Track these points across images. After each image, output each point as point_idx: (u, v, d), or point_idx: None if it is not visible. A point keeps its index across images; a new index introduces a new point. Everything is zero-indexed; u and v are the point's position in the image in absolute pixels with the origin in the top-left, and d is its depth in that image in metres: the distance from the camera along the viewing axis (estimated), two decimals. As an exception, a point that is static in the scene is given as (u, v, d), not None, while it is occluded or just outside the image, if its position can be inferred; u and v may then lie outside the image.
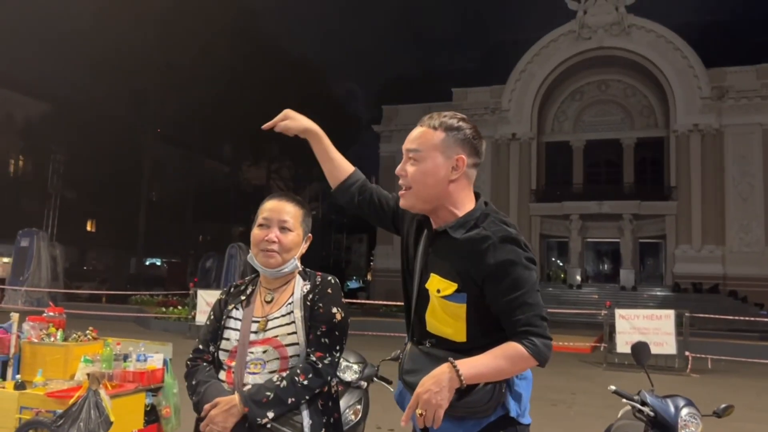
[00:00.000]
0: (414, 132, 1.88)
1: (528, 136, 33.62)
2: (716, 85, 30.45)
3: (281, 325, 1.91)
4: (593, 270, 36.11)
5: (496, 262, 1.71)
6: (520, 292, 1.70)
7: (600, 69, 33.72)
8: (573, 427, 6.81)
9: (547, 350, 1.70)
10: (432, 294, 1.78)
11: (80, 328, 4.87)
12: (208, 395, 1.85)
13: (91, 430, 3.71)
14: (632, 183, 33.33)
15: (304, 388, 1.82)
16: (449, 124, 1.85)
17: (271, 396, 1.78)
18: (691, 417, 2.73)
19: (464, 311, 1.75)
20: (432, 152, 1.82)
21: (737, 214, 29.68)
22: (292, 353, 1.88)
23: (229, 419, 1.77)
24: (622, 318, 11.94)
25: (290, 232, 1.97)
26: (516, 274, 1.70)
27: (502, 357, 1.67)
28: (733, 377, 11.24)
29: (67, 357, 4.41)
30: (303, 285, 1.99)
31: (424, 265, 1.84)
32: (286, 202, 2.01)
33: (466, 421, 1.73)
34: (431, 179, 1.80)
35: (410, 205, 1.85)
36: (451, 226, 1.80)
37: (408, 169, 1.82)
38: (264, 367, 1.87)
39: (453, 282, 1.75)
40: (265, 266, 1.96)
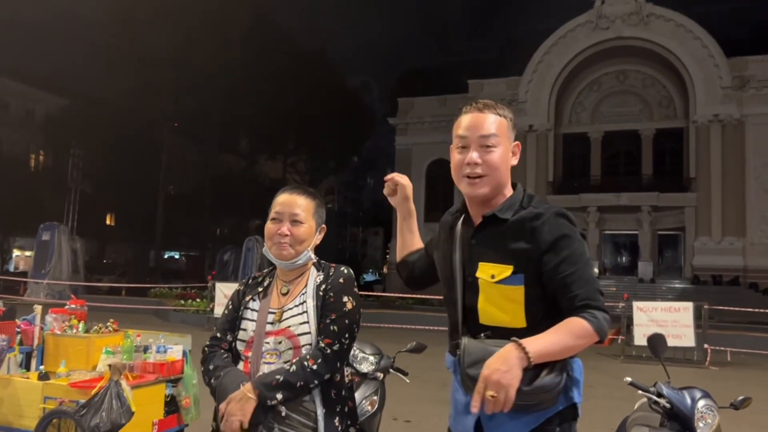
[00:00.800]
0: (477, 118, 1.84)
1: (545, 127, 33.39)
2: (737, 75, 29.99)
3: (294, 315, 1.95)
4: (611, 262, 35.84)
5: (552, 237, 1.72)
6: (578, 266, 1.70)
7: (618, 59, 33.35)
8: (589, 419, 6.79)
9: (607, 324, 1.68)
10: (485, 282, 1.76)
11: (101, 320, 4.95)
12: (227, 381, 1.89)
13: (113, 420, 3.79)
14: (651, 174, 32.98)
15: (313, 372, 1.84)
16: (506, 112, 1.88)
17: (280, 379, 1.82)
18: (708, 409, 2.73)
19: (522, 294, 1.73)
20: (504, 139, 1.84)
21: (758, 205, 29.27)
22: (304, 342, 1.92)
23: (246, 407, 1.81)
24: (639, 310, 11.86)
25: (302, 225, 2.00)
26: (572, 249, 1.71)
27: (567, 332, 1.64)
28: (753, 370, 11.13)
29: (89, 348, 4.49)
30: (317, 276, 2.03)
31: (467, 257, 1.83)
32: (297, 195, 2.04)
33: (527, 414, 1.69)
34: (504, 165, 1.84)
35: (483, 193, 1.82)
36: (499, 209, 1.81)
37: (486, 158, 1.81)
38: (279, 357, 1.91)
39: (508, 264, 1.73)
40: (279, 258, 2.00)
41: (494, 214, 1.80)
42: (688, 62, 30.76)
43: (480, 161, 1.80)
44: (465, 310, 1.81)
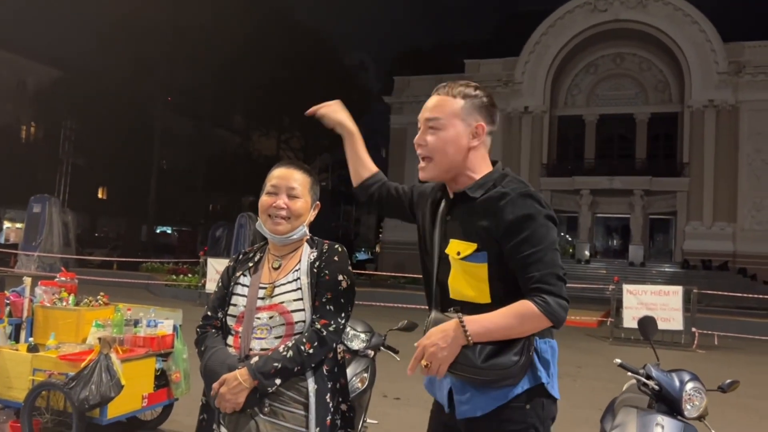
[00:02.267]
0: (431, 101, 1.86)
1: (540, 109, 33.29)
2: (733, 60, 29.93)
3: (287, 292, 1.93)
4: (602, 245, 36.01)
5: (513, 216, 1.70)
6: (536, 248, 1.68)
7: (615, 42, 33.18)
8: (578, 400, 6.87)
9: (561, 310, 1.67)
10: (452, 258, 1.78)
11: (92, 293, 4.94)
12: (213, 363, 1.89)
13: (102, 393, 3.79)
14: (644, 158, 33.03)
15: (310, 356, 1.84)
16: (467, 92, 1.84)
17: (278, 366, 1.81)
18: (696, 391, 2.75)
19: (485, 271, 1.74)
20: (452, 119, 1.81)
21: (750, 191, 29.40)
22: (298, 319, 1.90)
23: (240, 395, 1.81)
24: (629, 293, 11.95)
25: (298, 199, 1.98)
26: (532, 229, 1.69)
27: (513, 315, 1.65)
28: (739, 354, 11.26)
29: (78, 321, 4.49)
30: (310, 252, 2.01)
31: (443, 233, 1.84)
32: (294, 170, 2.02)
33: (493, 390, 1.70)
34: (452, 147, 1.81)
35: (431, 176, 1.85)
36: (470, 187, 1.81)
37: (428, 139, 1.82)
38: (270, 333, 1.89)
39: (472, 242, 1.74)
40: (274, 233, 1.97)
41: (464, 191, 1.81)
42: (685, 46, 30.65)
43: (423, 143, 1.82)
44: (438, 284, 1.83)
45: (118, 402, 3.99)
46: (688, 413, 2.73)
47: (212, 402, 1.87)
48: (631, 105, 33.64)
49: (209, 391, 1.88)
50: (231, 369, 1.84)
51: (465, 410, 1.75)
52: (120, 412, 4.13)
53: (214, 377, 1.86)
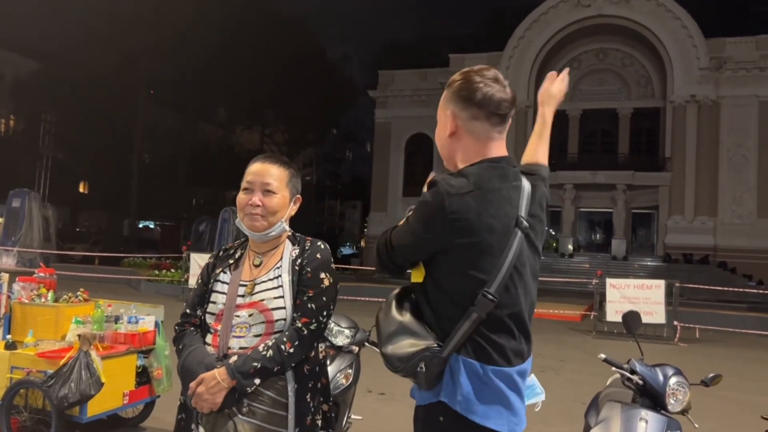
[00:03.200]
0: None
1: (524, 104, 33.38)
2: (715, 56, 30.21)
3: (268, 289, 1.89)
4: (585, 239, 36.28)
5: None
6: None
7: (599, 37, 33.35)
8: (561, 394, 6.91)
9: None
10: None
11: (72, 289, 4.86)
12: (191, 360, 1.85)
13: (82, 391, 3.74)
14: (627, 153, 33.30)
15: (290, 355, 1.81)
16: (447, 82, 1.84)
17: (258, 366, 1.78)
18: (679, 386, 2.76)
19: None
20: (441, 112, 1.83)
21: (730, 186, 29.76)
22: (278, 317, 1.87)
23: (218, 395, 1.77)
24: (612, 287, 12.03)
25: (274, 195, 1.93)
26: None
27: None
28: (720, 347, 11.40)
29: (57, 318, 4.41)
30: (292, 250, 1.97)
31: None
32: (270, 165, 1.97)
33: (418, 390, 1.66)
34: (439, 140, 1.84)
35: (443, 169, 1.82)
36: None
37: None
38: (249, 331, 1.86)
39: None
40: (251, 230, 1.93)
41: None
42: (667, 42, 30.90)
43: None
44: None
45: (99, 399, 3.93)
46: (671, 407, 2.74)
47: (189, 402, 1.83)
48: (614, 100, 33.87)
49: (186, 391, 1.84)
50: (208, 368, 1.80)
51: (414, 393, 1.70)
52: (100, 409, 4.08)
53: (191, 376, 1.82)
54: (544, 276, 23.58)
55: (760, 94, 29.67)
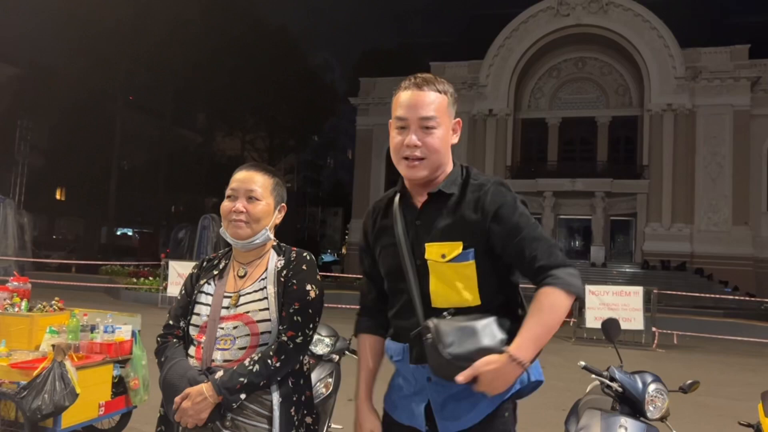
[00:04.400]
0: (419, 97, 1.74)
1: (504, 112, 33.65)
2: (690, 65, 30.73)
3: (253, 301, 1.86)
4: (565, 246, 36.50)
5: (496, 205, 1.68)
6: (527, 229, 1.66)
7: (577, 46, 33.77)
8: (541, 401, 6.91)
9: (573, 278, 1.62)
10: (434, 263, 1.69)
11: (48, 298, 4.77)
12: (172, 374, 1.81)
13: (56, 402, 3.66)
14: (605, 161, 33.68)
15: (277, 370, 1.78)
16: (448, 88, 1.79)
17: (244, 381, 1.75)
18: (658, 393, 2.77)
19: (474, 269, 1.68)
20: (444, 118, 1.76)
21: (706, 193, 30.21)
22: (263, 330, 1.84)
23: (203, 411, 1.74)
24: (591, 294, 12.12)
25: (259, 202, 1.90)
26: (519, 213, 1.68)
27: (542, 311, 1.58)
28: (698, 353, 11.53)
29: (31, 327, 4.32)
30: (277, 260, 1.94)
31: (414, 240, 1.74)
32: (254, 172, 1.94)
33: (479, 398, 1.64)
34: (445, 146, 1.76)
35: (422, 176, 1.73)
36: (444, 185, 1.75)
37: (424, 140, 1.71)
38: (234, 343, 1.82)
39: (457, 241, 1.68)
40: (235, 237, 1.90)
41: (440, 190, 1.74)
42: (644, 51, 31.37)
43: (420, 144, 1.71)
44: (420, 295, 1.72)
45: (74, 411, 3.85)
46: (650, 414, 2.75)
47: (171, 415, 1.79)
48: (593, 108, 34.27)
49: (168, 404, 1.80)
50: (191, 382, 1.77)
51: (450, 425, 1.68)
52: (75, 421, 4.00)
53: (173, 390, 1.78)
54: (525, 282, 23.68)
55: (735, 104, 30.21)
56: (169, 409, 1.80)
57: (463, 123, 26.07)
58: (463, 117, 19.44)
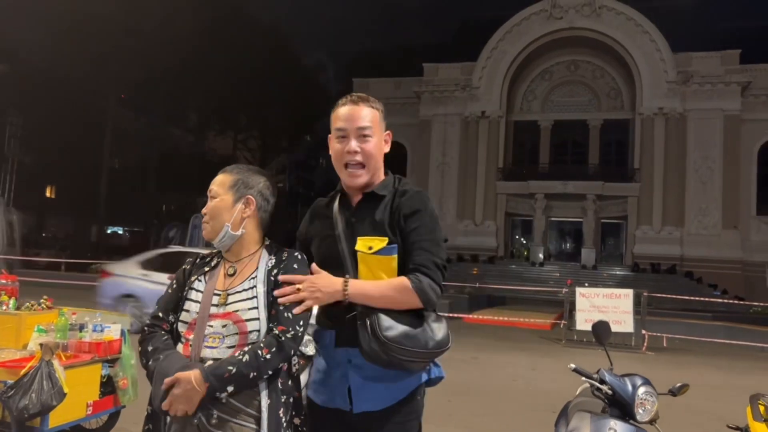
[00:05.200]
0: (355, 110, 2.01)
1: (497, 114, 33.74)
2: (682, 70, 30.93)
3: (242, 300, 1.86)
4: (555, 249, 36.70)
5: (410, 210, 1.94)
6: (422, 237, 1.91)
7: (570, 49, 33.92)
8: (532, 402, 6.94)
9: (431, 291, 1.86)
10: (363, 254, 1.92)
11: (36, 296, 4.73)
12: (166, 365, 1.78)
13: (43, 401, 3.63)
14: (597, 164, 33.84)
15: (267, 362, 1.77)
16: (379, 105, 2.06)
17: (233, 371, 1.73)
18: (648, 396, 2.78)
19: (396, 263, 1.92)
20: (377, 130, 2.02)
21: (696, 197, 30.40)
22: (252, 328, 1.83)
23: (194, 399, 1.72)
24: (582, 296, 12.16)
25: (214, 200, 1.96)
26: (423, 221, 1.93)
27: (388, 285, 1.87)
28: (687, 355, 11.59)
29: (19, 326, 4.29)
30: (268, 260, 1.94)
31: (350, 234, 1.98)
32: (223, 174, 2.01)
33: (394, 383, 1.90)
34: (379, 153, 2.03)
35: (364, 181, 2.00)
36: (378, 188, 2.02)
37: (363, 147, 1.98)
38: (222, 342, 1.82)
39: (383, 236, 1.92)
40: (206, 239, 1.98)
41: (373, 191, 2.00)
42: (637, 55, 31.55)
43: (358, 150, 1.98)
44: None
45: (61, 410, 3.82)
46: (640, 417, 2.76)
47: (156, 405, 1.77)
48: (585, 111, 34.42)
49: (157, 394, 1.77)
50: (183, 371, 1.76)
51: (365, 405, 1.90)
52: (63, 420, 3.96)
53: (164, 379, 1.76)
54: (515, 284, 23.81)
55: (725, 108, 30.44)
56: (157, 398, 1.77)
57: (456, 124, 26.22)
58: (455, 118, 19.61)
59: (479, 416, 6.18)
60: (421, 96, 34.75)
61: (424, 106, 34.60)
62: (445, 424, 5.72)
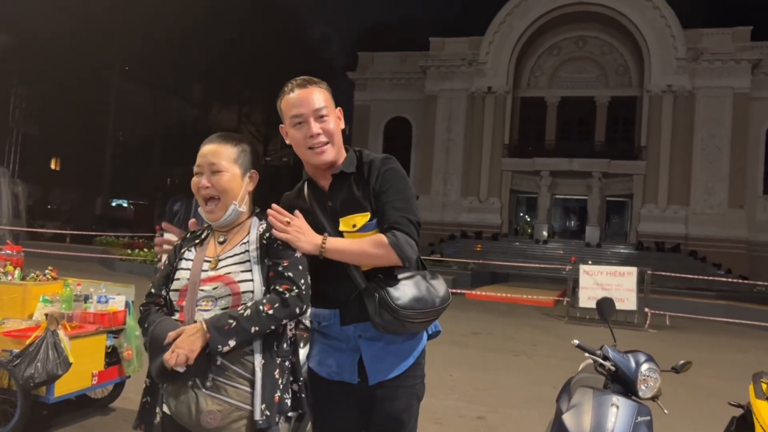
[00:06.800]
0: (307, 94, 2.00)
1: (504, 90, 33.44)
2: (692, 47, 30.52)
3: (234, 263, 1.85)
4: (560, 226, 36.66)
5: (381, 174, 1.97)
6: (395, 197, 1.94)
7: (579, 24, 33.46)
8: (534, 377, 6.98)
9: (407, 246, 1.89)
10: (349, 233, 1.95)
11: (42, 267, 4.75)
12: (159, 330, 1.78)
13: (48, 371, 3.66)
14: (603, 141, 33.60)
15: (269, 317, 1.74)
16: (324, 84, 2.06)
17: (233, 324, 1.71)
18: (651, 372, 2.78)
19: None
20: (331, 107, 2.03)
21: (703, 176, 30.24)
22: (245, 289, 1.81)
23: (195, 343, 1.70)
24: (585, 274, 12.16)
25: (223, 174, 1.88)
26: (394, 182, 1.96)
27: (366, 241, 1.91)
28: (689, 333, 11.62)
29: (24, 296, 4.31)
30: (259, 225, 1.93)
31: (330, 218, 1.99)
32: (216, 144, 1.93)
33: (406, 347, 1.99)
34: (338, 130, 2.04)
35: (332, 157, 2.00)
36: (344, 166, 2.02)
37: (324, 127, 1.98)
38: (215, 304, 1.80)
39: (364, 212, 1.96)
40: (210, 221, 1.92)
41: (341, 171, 2.00)
42: (646, 31, 31.11)
43: (321, 131, 1.98)
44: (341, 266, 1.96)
45: (67, 380, 3.86)
46: (642, 393, 2.76)
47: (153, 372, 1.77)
48: (592, 88, 34.09)
49: (154, 363, 1.76)
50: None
51: (379, 375, 1.96)
52: (68, 390, 4.01)
53: (159, 344, 1.75)
54: (519, 261, 23.82)
55: (735, 86, 30.10)
56: (154, 366, 1.76)
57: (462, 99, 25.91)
58: (461, 94, 19.43)
59: (480, 390, 6.22)
60: (426, 71, 34.44)
61: (430, 81, 34.31)
62: (446, 398, 5.76)
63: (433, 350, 2.25)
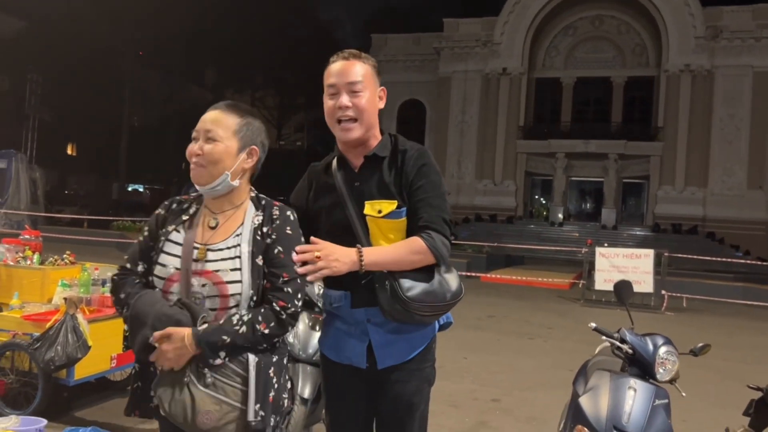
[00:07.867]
0: (347, 66, 1.98)
1: (518, 71, 33.07)
2: (711, 25, 29.94)
3: (224, 259, 1.72)
4: (575, 208, 36.39)
5: (415, 169, 1.94)
6: (429, 194, 1.92)
7: (594, 4, 32.93)
8: (549, 361, 6.97)
9: (443, 247, 1.88)
10: (372, 218, 1.92)
11: (60, 252, 4.81)
12: (142, 304, 1.68)
13: (68, 354, 3.71)
14: (620, 122, 33.19)
15: (264, 336, 1.67)
16: (372, 61, 2.03)
17: (227, 341, 1.63)
18: (669, 355, 2.76)
19: (405, 225, 1.93)
20: (369, 84, 1.98)
21: (721, 156, 29.81)
22: (233, 291, 1.70)
23: (182, 358, 1.63)
24: (602, 256, 12.09)
25: (217, 143, 1.74)
26: (428, 178, 1.94)
27: (402, 247, 1.88)
28: (707, 316, 11.53)
29: (43, 280, 4.37)
30: (255, 216, 1.79)
31: (356, 199, 1.96)
32: (219, 111, 1.79)
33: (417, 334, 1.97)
34: (373, 108, 1.99)
35: (358, 135, 1.96)
36: (378, 148, 1.99)
37: (354, 102, 1.94)
38: (203, 303, 1.70)
39: (392, 199, 1.93)
40: (195, 182, 1.77)
41: (374, 153, 1.98)
42: (664, 9, 30.55)
43: (350, 105, 1.94)
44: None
45: (86, 363, 3.91)
46: (660, 376, 2.74)
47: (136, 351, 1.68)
48: (609, 68, 33.60)
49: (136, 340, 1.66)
50: (159, 316, 1.64)
51: (389, 360, 1.95)
52: (88, 372, 4.07)
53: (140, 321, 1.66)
54: (534, 244, 23.74)
55: (755, 65, 29.53)
56: (137, 344, 1.67)
57: (476, 81, 25.67)
58: (475, 75, 19.26)
59: (495, 373, 6.23)
60: (440, 52, 34.14)
61: (444, 62, 34.01)
62: (461, 381, 5.77)
63: (448, 334, 2.24)
